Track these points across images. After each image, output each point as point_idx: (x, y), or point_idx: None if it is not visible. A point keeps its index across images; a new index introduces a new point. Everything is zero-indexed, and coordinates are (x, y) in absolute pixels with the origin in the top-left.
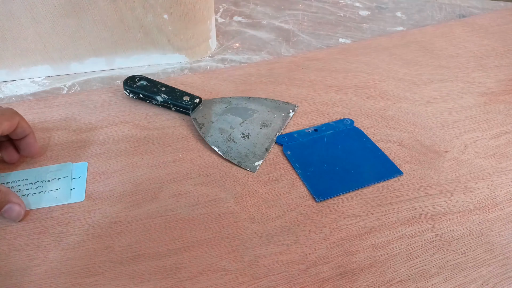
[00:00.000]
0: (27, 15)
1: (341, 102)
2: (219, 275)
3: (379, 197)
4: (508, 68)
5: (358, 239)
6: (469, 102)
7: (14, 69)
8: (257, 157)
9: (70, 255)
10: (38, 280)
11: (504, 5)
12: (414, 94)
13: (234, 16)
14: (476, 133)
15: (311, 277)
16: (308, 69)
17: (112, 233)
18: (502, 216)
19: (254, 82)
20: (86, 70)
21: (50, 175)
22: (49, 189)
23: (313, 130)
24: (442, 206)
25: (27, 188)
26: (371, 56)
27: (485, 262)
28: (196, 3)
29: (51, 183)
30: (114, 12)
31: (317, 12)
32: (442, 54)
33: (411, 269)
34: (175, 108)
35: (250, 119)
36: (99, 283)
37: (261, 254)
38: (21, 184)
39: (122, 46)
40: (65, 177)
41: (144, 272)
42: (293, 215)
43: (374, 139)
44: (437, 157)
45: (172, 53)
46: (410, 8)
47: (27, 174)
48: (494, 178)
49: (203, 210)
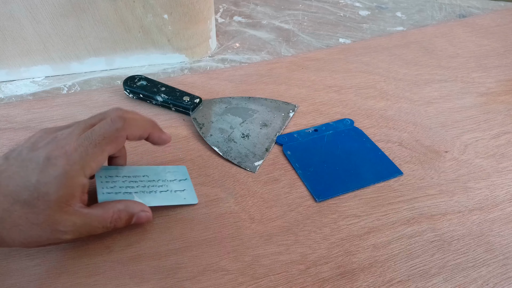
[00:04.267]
0: (27, 15)
1: (341, 102)
2: (219, 275)
3: (379, 197)
4: (508, 68)
5: (358, 239)
6: (469, 102)
7: (14, 69)
8: (257, 157)
9: (70, 255)
10: (38, 280)
11: (504, 5)
12: (414, 94)
13: (234, 16)
14: (476, 133)
15: (311, 277)
16: (308, 69)
17: (112, 233)
18: (502, 216)
19: (254, 82)
20: (86, 70)
21: (170, 175)
22: (175, 189)
23: (313, 130)
24: (442, 206)
25: (152, 185)
26: (371, 56)
27: (485, 262)
28: (196, 3)
29: (173, 183)
30: (114, 12)
31: (317, 12)
32: (442, 54)
33: (411, 269)
34: (175, 108)
35: (250, 119)
36: (99, 283)
37: (261, 254)
38: (144, 180)
39: (122, 46)
40: (185, 179)
41: (144, 272)
42: (293, 215)
43: (374, 139)
44: (437, 157)
45: (172, 53)
46: (410, 8)
47: (147, 171)
48: (494, 178)
49: (203, 210)
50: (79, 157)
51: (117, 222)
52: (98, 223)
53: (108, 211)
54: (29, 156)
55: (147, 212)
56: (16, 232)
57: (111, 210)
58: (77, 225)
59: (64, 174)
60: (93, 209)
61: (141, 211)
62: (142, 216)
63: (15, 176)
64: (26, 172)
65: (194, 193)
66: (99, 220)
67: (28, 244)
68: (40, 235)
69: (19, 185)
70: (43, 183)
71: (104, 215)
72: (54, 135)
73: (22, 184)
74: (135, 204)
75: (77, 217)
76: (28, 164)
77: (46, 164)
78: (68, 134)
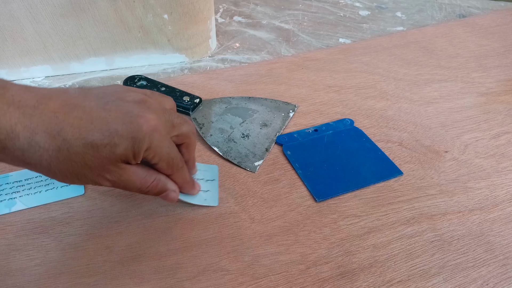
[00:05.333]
0: (27, 15)
1: (341, 102)
2: (219, 275)
3: (379, 197)
4: (508, 68)
5: (358, 239)
6: (469, 102)
7: (14, 69)
8: (257, 157)
9: (70, 255)
10: (38, 280)
11: (504, 5)
12: (414, 94)
13: (234, 16)
14: (476, 133)
15: (311, 277)
16: (308, 69)
17: (112, 233)
18: (502, 216)
19: (254, 82)
20: (86, 70)
21: (200, 174)
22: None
23: (313, 130)
24: (442, 206)
25: None
26: (371, 56)
27: (485, 262)
28: (196, 3)
29: (200, 182)
30: (114, 12)
31: (317, 12)
32: (442, 54)
33: (411, 269)
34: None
35: (250, 119)
36: (99, 283)
37: (261, 254)
38: None
39: (122, 46)
40: (213, 180)
41: (144, 272)
42: (293, 215)
43: (374, 139)
44: (437, 157)
45: (172, 53)
46: (410, 8)
47: None
48: (494, 178)
49: (203, 210)
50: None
51: (152, 189)
52: (139, 183)
53: (151, 176)
54: (116, 104)
55: (175, 193)
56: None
57: (154, 177)
58: (122, 178)
59: (140, 140)
60: (140, 170)
61: (172, 190)
62: (172, 195)
63: (93, 114)
64: (107, 117)
65: (217, 195)
66: (141, 181)
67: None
68: (85, 174)
69: (93, 123)
70: (119, 135)
71: (147, 178)
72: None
73: (98, 125)
74: (172, 182)
75: (125, 172)
76: (113, 110)
77: (133, 121)
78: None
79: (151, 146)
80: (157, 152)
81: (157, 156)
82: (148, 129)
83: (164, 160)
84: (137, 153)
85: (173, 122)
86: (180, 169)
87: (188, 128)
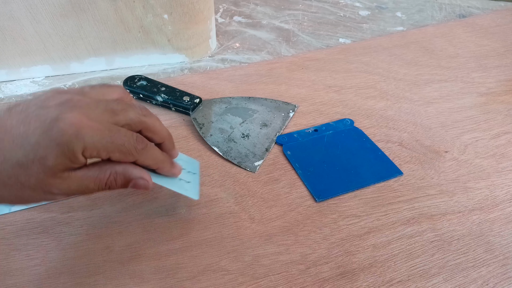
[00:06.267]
0: (27, 15)
1: (341, 102)
2: (219, 275)
3: (379, 197)
4: (508, 68)
5: (358, 239)
6: (469, 102)
7: (14, 69)
8: (257, 157)
9: (70, 255)
10: (38, 280)
11: (504, 5)
12: (414, 94)
13: (234, 16)
14: (476, 133)
15: (311, 277)
16: (308, 69)
17: (112, 233)
18: (502, 216)
19: (254, 82)
20: (86, 70)
21: (182, 163)
22: (181, 177)
23: (313, 130)
24: (442, 206)
25: None
26: (371, 56)
27: (485, 262)
28: (196, 3)
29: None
30: (114, 12)
31: (317, 12)
32: (442, 54)
33: (411, 269)
34: (175, 108)
35: (250, 119)
36: (99, 283)
37: (261, 254)
38: None
39: (122, 46)
40: (194, 174)
41: (144, 272)
42: (293, 215)
43: (374, 139)
44: (437, 157)
45: (172, 53)
46: (410, 8)
47: None
48: (494, 178)
49: (203, 210)
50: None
51: (112, 185)
52: (94, 185)
53: (106, 172)
54: (36, 113)
55: (145, 180)
56: (4, 191)
57: (109, 172)
58: (72, 187)
59: (68, 143)
60: (90, 170)
61: (140, 177)
62: (140, 183)
63: (13, 132)
64: (27, 130)
65: (198, 190)
66: (94, 181)
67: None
68: (31, 195)
69: (14, 142)
70: (43, 146)
71: (100, 176)
72: (68, 97)
73: (18, 142)
74: (136, 169)
75: (72, 180)
76: (32, 121)
77: (51, 126)
78: (86, 104)
79: (86, 144)
80: (99, 147)
81: (102, 151)
82: (72, 130)
83: (113, 151)
84: (73, 157)
85: (113, 109)
86: (142, 150)
87: (135, 113)
